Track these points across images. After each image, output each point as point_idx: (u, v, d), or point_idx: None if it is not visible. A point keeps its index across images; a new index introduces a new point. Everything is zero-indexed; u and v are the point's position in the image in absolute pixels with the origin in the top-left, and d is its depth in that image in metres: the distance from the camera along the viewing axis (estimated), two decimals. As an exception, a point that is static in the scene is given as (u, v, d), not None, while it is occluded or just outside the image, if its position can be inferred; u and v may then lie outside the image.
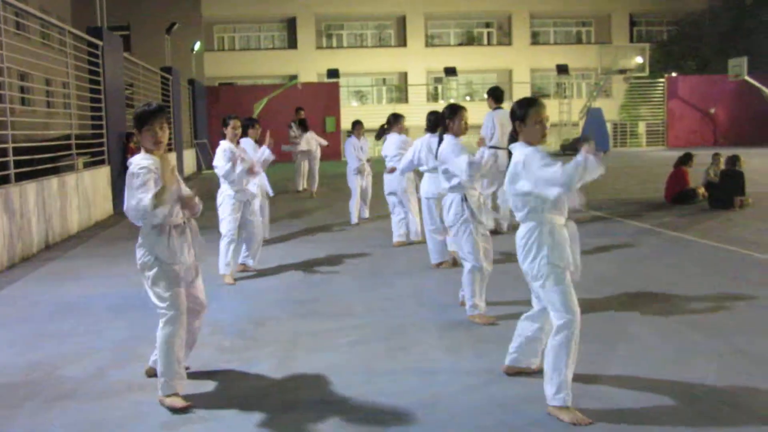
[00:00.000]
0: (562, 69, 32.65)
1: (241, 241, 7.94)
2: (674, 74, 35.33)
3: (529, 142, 4.12)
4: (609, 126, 32.34)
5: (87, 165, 13.62)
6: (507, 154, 4.28)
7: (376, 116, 23.94)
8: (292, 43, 40.00)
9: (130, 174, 4.16)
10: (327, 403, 4.20)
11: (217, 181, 7.79)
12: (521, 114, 4.15)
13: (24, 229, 9.33)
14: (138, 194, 4.03)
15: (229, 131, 7.63)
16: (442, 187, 6.29)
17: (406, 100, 38.65)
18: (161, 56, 26.59)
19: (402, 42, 40.58)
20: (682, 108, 33.80)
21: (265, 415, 4.08)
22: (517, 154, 4.09)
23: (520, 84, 38.54)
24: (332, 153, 29.95)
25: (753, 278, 7.16)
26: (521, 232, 4.12)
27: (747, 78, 30.40)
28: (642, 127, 36.52)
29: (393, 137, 9.56)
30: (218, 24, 39.99)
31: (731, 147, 28.38)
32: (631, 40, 40.61)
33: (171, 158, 4.19)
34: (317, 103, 29.40)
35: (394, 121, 9.74)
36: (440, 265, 7.84)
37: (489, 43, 42.02)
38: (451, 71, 32.37)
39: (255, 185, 8.14)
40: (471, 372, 4.64)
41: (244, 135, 8.81)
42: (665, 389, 4.23)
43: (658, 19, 42.34)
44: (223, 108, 26.34)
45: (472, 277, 5.77)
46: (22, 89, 20.39)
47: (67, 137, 12.63)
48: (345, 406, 4.16)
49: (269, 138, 7.90)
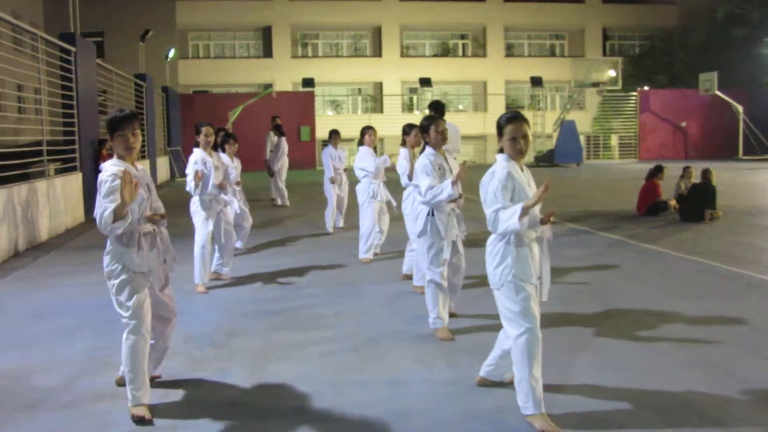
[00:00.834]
0: (536, 81, 32.94)
1: (214, 250, 7.91)
2: (646, 88, 35.78)
3: (510, 156, 4.14)
4: (582, 138, 32.63)
5: (58, 171, 13.47)
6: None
7: (352, 126, 23.96)
8: (268, 52, 39.91)
9: (99, 180, 4.13)
10: (298, 414, 4.18)
11: (190, 189, 7.74)
12: (499, 128, 4.19)
13: (-8, 236, 9.19)
14: (104, 203, 4.00)
15: (201, 139, 7.57)
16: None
17: (381, 110, 38.72)
18: (135, 63, 26.40)
19: (377, 52, 40.67)
20: (654, 121, 34.23)
21: (235, 424, 4.05)
22: (494, 165, 4.15)
23: (495, 96, 38.80)
24: (307, 162, 29.96)
25: (722, 290, 7.26)
26: (490, 239, 4.18)
27: (718, 93, 30.88)
28: (614, 140, 36.92)
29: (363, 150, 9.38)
30: (193, 31, 39.80)
31: (702, 160, 28.81)
32: (604, 54, 41.04)
33: (145, 165, 4.11)
34: (292, 112, 29.38)
35: (365, 133, 9.33)
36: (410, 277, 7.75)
37: (464, 55, 42.26)
38: (426, 82, 32.50)
39: (230, 194, 8.10)
40: (444, 383, 4.65)
41: (221, 150, 8.88)
42: (633, 398, 4.27)
43: (630, 34, 42.86)
44: (197, 116, 26.19)
45: (431, 290, 5.78)
46: (-8, 94, 20.14)
47: (39, 143, 12.49)
48: (316, 417, 4.14)
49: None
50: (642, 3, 41.82)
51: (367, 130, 9.20)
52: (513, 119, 4.15)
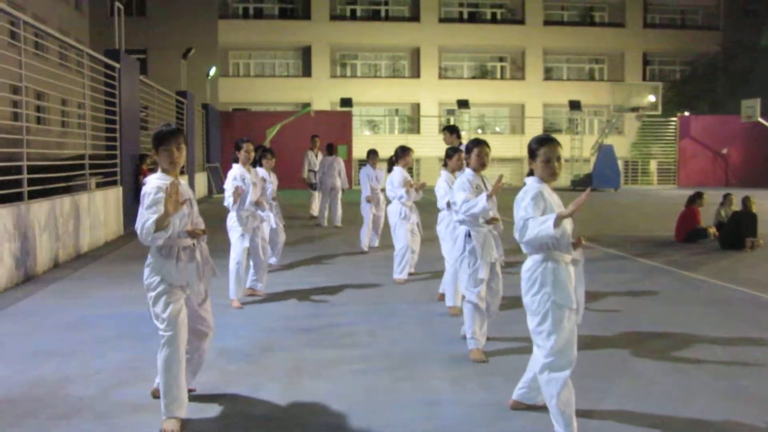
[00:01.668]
0: (575, 105, 32.79)
1: (250, 266, 7.96)
2: (686, 113, 35.41)
3: (541, 178, 4.13)
4: (620, 163, 32.37)
5: (99, 185, 13.70)
6: None
7: (388, 146, 24.03)
8: (307, 71, 40.32)
9: (143, 193, 4.18)
10: (329, 430, 4.17)
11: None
12: (532, 151, 4.17)
13: (34, 247, 9.37)
14: (146, 214, 4.04)
15: (242, 155, 7.63)
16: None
17: (418, 131, 38.82)
18: (177, 80, 26.84)
19: (415, 73, 40.85)
20: (694, 147, 33.84)
21: (268, 440, 4.05)
22: (526, 187, 4.14)
23: (533, 119, 38.68)
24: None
25: (762, 320, 7.11)
26: (526, 264, 4.13)
27: (760, 119, 30.43)
28: (653, 166, 36.56)
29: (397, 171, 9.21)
30: (234, 50, 40.39)
31: (743, 188, 28.33)
32: (644, 79, 40.78)
33: (183, 183, 4.10)
34: (330, 131, 29.54)
35: (402, 154, 9.13)
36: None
37: (502, 77, 42.27)
38: (463, 103, 32.54)
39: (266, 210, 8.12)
40: (476, 404, 4.61)
41: (258, 164, 8.92)
42: (668, 426, 4.18)
43: (671, 59, 42.54)
44: (236, 133, 26.49)
45: (468, 310, 5.74)
46: (38, 108, 20.61)
47: (81, 157, 12.73)
48: (349, 435, 4.13)
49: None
50: (684, 28, 41.53)
51: (401, 151, 9.09)
52: (547, 141, 4.14)
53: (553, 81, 41.73)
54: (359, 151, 30.45)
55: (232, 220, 7.64)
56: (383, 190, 11.54)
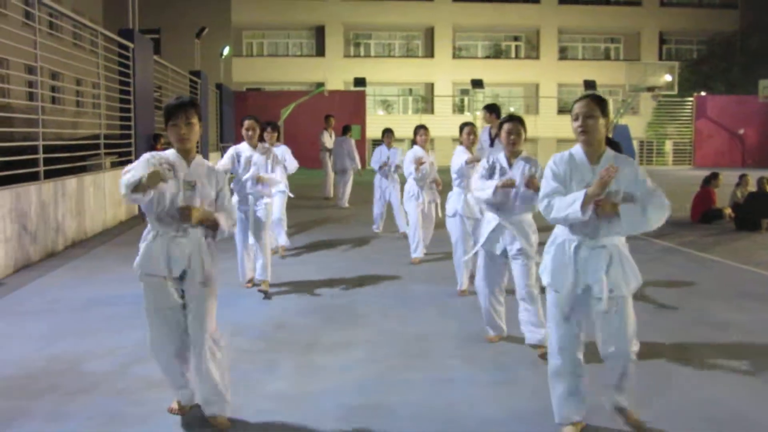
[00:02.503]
0: (590, 85, 32.55)
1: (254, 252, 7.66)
2: (703, 93, 35.09)
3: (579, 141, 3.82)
4: (635, 143, 32.16)
5: (114, 165, 13.76)
6: None
7: (402, 126, 23.99)
8: (320, 51, 40.20)
9: None
10: (343, 409, 4.22)
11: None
12: (571, 114, 3.85)
13: (50, 226, 9.45)
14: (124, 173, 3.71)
15: (243, 132, 7.28)
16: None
17: (432, 111, 38.68)
18: (190, 60, 26.84)
19: (429, 53, 40.63)
20: (711, 128, 33.55)
21: (281, 417, 4.10)
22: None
23: (547, 98, 38.45)
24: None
25: (777, 300, 7.10)
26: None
27: (778, 99, 30.15)
28: (669, 146, 36.29)
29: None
30: (247, 30, 40.30)
31: (760, 169, 28.11)
32: (660, 58, 40.37)
33: (203, 163, 3.96)
34: (343, 111, 29.52)
35: (416, 133, 9.04)
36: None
37: (516, 57, 41.95)
38: (477, 83, 32.37)
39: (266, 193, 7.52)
40: (489, 383, 4.64)
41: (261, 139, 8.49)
42: (686, 410, 4.19)
43: (688, 38, 42.06)
44: (250, 113, 26.43)
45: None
46: (53, 89, 20.68)
47: (96, 137, 12.79)
48: (361, 412, 4.17)
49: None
50: (701, 7, 41.02)
51: (418, 129, 9.08)
52: (582, 98, 3.79)
53: (568, 60, 41.39)
54: (373, 131, 30.41)
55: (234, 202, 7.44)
56: (398, 167, 11.37)
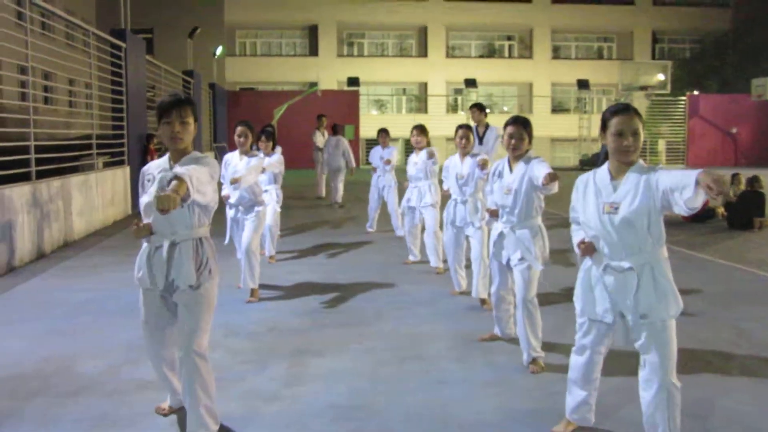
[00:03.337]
0: (583, 84, 32.60)
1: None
2: (696, 92, 35.17)
3: (611, 156, 3.55)
4: (628, 142, 32.18)
5: (107, 165, 13.73)
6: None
7: (396, 125, 24.00)
8: (313, 50, 40.18)
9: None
10: (335, 409, 4.20)
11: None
12: (604, 121, 3.57)
13: (42, 227, 9.41)
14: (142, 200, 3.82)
15: (235, 138, 7.08)
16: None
17: (425, 111, 38.69)
18: (183, 60, 26.79)
19: (423, 52, 40.64)
20: (703, 127, 33.61)
21: (273, 418, 4.09)
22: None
23: (540, 98, 38.49)
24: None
25: (769, 299, 7.12)
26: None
27: (770, 98, 30.22)
28: (662, 145, 36.35)
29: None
30: (240, 29, 40.24)
31: (752, 167, 28.18)
32: (653, 57, 40.46)
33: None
34: (337, 111, 29.47)
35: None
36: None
37: (510, 56, 42.00)
38: (471, 83, 32.37)
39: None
40: (483, 384, 4.63)
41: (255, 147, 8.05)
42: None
43: (680, 37, 42.16)
44: (243, 112, 26.54)
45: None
46: (45, 89, 20.60)
47: (89, 137, 12.75)
48: (353, 413, 4.16)
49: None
50: (694, 5, 41.10)
51: (411, 130, 8.88)
52: (621, 111, 3.49)
53: (561, 60, 41.46)
54: (366, 131, 30.41)
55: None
56: (388, 162, 11.16)
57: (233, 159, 7.19)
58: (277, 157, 8.64)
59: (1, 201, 8.25)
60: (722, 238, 11.23)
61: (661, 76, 31.17)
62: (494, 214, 5.12)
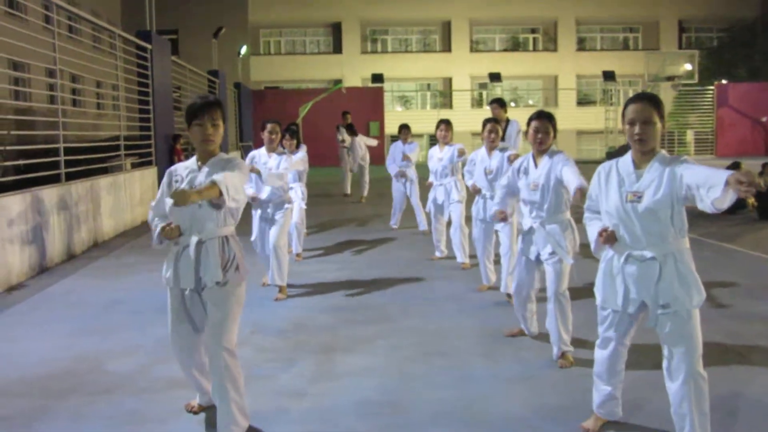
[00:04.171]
0: (609, 75, 32.27)
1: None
2: (724, 81, 34.67)
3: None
4: (656, 133, 31.82)
5: (135, 166, 13.87)
6: None
7: (421, 121, 23.97)
8: (337, 48, 40.24)
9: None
10: (363, 406, 4.22)
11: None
12: (624, 112, 3.55)
13: (73, 227, 9.54)
14: (152, 209, 3.99)
15: (265, 136, 7.13)
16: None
17: (450, 106, 38.58)
18: (208, 60, 26.97)
19: (447, 47, 40.53)
20: (732, 116, 33.13)
21: (302, 415, 4.11)
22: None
23: (566, 90, 38.21)
24: (376, 157, 30.05)
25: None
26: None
27: (800, 86, 29.73)
28: (690, 136, 35.90)
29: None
30: (264, 28, 40.41)
31: (782, 157, 27.74)
32: (680, 47, 39.97)
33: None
34: (361, 108, 29.50)
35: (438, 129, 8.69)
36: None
37: (534, 49, 41.73)
38: (495, 77, 32.21)
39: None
40: (510, 379, 4.62)
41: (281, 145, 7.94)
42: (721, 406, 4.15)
43: (708, 26, 41.58)
44: (268, 111, 26.57)
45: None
46: (73, 91, 20.87)
47: (116, 138, 12.89)
48: (381, 409, 4.17)
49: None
50: (721, -7, 40.56)
51: (439, 124, 8.74)
52: (634, 100, 3.49)
53: (586, 51, 41.10)
54: (391, 127, 30.38)
55: None
56: (407, 158, 11.11)
57: (262, 156, 7.19)
58: (302, 155, 8.66)
59: (33, 203, 8.37)
60: (753, 229, 11.08)
61: (688, 66, 30.77)
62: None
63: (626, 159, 3.53)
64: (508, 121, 9.57)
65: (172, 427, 3.99)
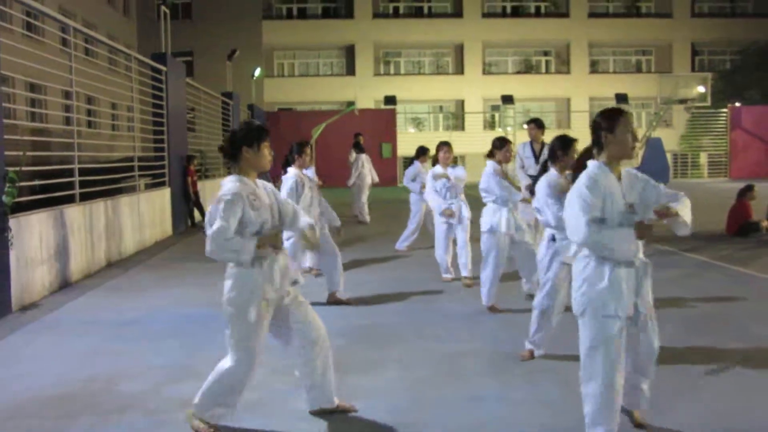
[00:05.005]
0: (622, 98, 32.31)
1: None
2: (737, 104, 34.61)
3: (614, 158, 3.77)
4: (669, 156, 31.79)
5: (148, 186, 13.96)
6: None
7: (433, 143, 23.96)
8: (350, 70, 40.51)
9: (217, 197, 3.91)
10: (375, 428, 4.21)
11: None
12: (609, 126, 3.73)
13: (87, 247, 9.60)
14: (221, 222, 3.78)
15: (304, 158, 7.67)
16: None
17: (462, 128, 38.69)
18: (222, 82, 27.20)
19: (459, 69, 40.71)
20: (746, 139, 33.04)
21: (314, 436, 4.11)
22: (583, 174, 3.79)
23: (579, 113, 38.24)
24: (388, 179, 30.14)
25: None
26: (581, 255, 3.85)
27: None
28: (703, 158, 35.81)
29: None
30: (278, 50, 40.76)
31: (797, 179, 27.58)
32: (692, 69, 39.99)
33: (265, 186, 4.25)
34: (374, 130, 29.61)
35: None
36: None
37: (547, 72, 41.87)
38: (508, 99, 32.30)
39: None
40: (521, 402, 4.60)
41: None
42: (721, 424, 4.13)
43: (721, 49, 41.62)
44: (282, 133, 26.71)
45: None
46: (89, 112, 21.07)
47: (130, 159, 12.99)
48: (392, 431, 4.16)
49: None
50: (734, 16, 40.59)
51: (440, 146, 8.93)
52: (624, 112, 3.77)
53: (598, 74, 41.18)
54: (404, 149, 30.47)
55: None
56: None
57: (299, 178, 7.60)
58: (311, 174, 8.94)
59: (47, 222, 8.44)
60: (766, 252, 11.00)
61: (701, 89, 30.77)
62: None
63: (607, 174, 3.78)
64: (542, 144, 9.27)
65: (183, 448, 4.00)
